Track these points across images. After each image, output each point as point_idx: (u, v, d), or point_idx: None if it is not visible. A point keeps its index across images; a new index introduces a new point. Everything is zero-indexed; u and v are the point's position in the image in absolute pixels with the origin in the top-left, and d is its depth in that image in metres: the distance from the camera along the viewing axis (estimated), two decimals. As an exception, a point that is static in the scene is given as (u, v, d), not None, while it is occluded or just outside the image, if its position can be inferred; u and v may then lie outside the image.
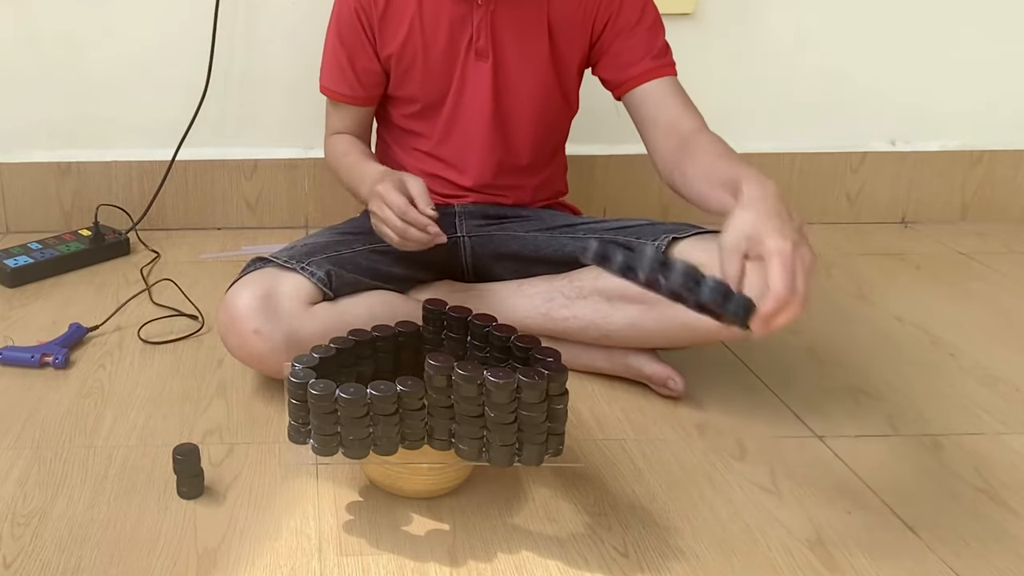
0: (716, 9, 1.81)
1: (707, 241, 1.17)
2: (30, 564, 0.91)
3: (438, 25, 1.27)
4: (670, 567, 0.91)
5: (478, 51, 1.28)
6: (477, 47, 1.27)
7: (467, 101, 1.31)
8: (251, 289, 1.14)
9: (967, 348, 1.39)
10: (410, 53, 1.29)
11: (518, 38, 1.27)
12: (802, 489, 1.04)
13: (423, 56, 1.29)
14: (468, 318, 1.06)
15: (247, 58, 1.79)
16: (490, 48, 1.27)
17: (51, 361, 1.29)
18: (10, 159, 1.82)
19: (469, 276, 1.33)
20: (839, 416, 1.19)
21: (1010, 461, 1.10)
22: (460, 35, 1.27)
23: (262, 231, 1.87)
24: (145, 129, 1.82)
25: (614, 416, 1.19)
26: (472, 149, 1.33)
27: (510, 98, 1.31)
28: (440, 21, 1.27)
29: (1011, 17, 1.85)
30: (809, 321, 1.46)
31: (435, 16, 1.27)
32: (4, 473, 1.06)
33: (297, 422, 0.92)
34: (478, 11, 1.26)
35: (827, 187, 1.93)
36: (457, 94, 1.31)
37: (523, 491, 1.03)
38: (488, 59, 1.28)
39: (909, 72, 1.88)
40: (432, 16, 1.27)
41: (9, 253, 1.64)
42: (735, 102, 1.88)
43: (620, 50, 1.28)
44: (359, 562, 0.91)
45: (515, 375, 0.88)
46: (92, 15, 1.75)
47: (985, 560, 0.93)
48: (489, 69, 1.28)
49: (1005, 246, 1.82)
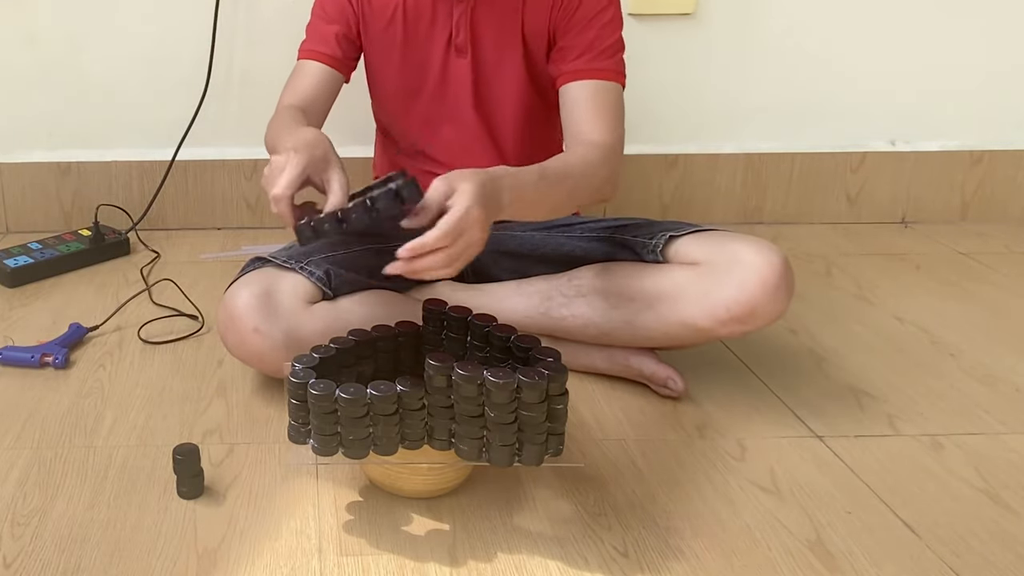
0: (716, 9, 1.81)
1: (705, 239, 1.18)
2: (30, 564, 0.91)
3: (420, 16, 1.29)
4: (670, 567, 0.91)
5: (457, 47, 1.29)
6: (456, 43, 1.29)
7: (450, 96, 1.32)
8: (250, 288, 1.14)
9: (967, 348, 1.39)
10: (390, 38, 1.31)
11: (495, 38, 1.29)
12: (802, 489, 1.04)
13: (402, 44, 1.31)
14: (468, 318, 1.06)
15: (247, 58, 1.79)
16: (468, 45, 1.29)
17: (51, 361, 1.29)
18: (10, 159, 1.82)
19: (469, 276, 1.33)
20: (839, 416, 1.19)
21: (1010, 461, 1.10)
22: (441, 30, 1.29)
23: (262, 231, 1.87)
24: (145, 129, 1.82)
25: (614, 416, 1.19)
26: (461, 146, 1.34)
27: (491, 94, 1.32)
28: (423, 12, 1.29)
29: (1011, 17, 1.85)
30: (809, 321, 1.46)
31: (418, 7, 1.29)
32: (4, 473, 1.06)
33: (297, 422, 0.92)
34: (458, 7, 1.27)
35: (827, 187, 1.93)
36: (439, 88, 1.32)
37: (523, 491, 1.03)
38: (467, 55, 1.30)
39: (909, 72, 1.88)
40: (415, 6, 1.29)
41: (9, 253, 1.64)
42: (735, 102, 1.88)
43: (564, 46, 1.27)
44: (359, 562, 0.91)
45: (515, 375, 0.88)
46: (92, 15, 1.75)
47: (985, 560, 0.93)
48: (468, 65, 1.30)
49: (1005, 246, 1.82)
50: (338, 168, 1.03)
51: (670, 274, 1.17)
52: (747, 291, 1.10)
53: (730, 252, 1.13)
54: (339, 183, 1.01)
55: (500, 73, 1.31)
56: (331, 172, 1.02)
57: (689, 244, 1.17)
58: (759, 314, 1.11)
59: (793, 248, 1.77)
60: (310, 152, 1.01)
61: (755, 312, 1.10)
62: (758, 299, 1.10)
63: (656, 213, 1.90)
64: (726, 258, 1.13)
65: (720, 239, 1.17)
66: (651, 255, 1.19)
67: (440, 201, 0.93)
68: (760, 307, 1.10)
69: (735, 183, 1.91)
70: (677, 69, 1.83)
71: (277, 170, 1.00)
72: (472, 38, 1.29)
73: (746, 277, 1.10)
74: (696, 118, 1.88)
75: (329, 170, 1.02)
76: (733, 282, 1.11)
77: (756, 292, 1.09)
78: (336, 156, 1.05)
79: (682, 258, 1.17)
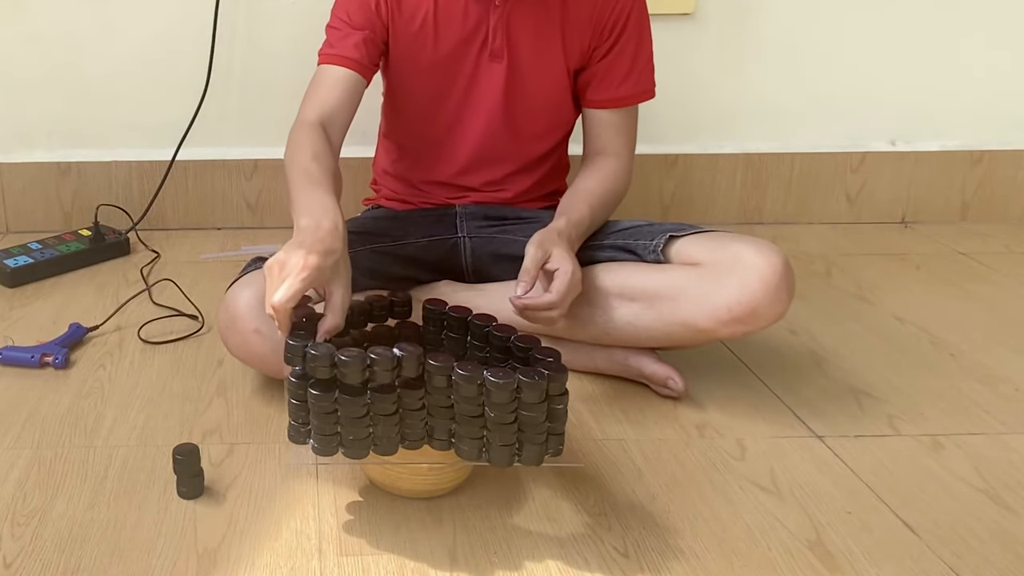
0: (716, 9, 1.81)
1: (706, 239, 1.18)
2: (30, 564, 0.91)
3: (452, 21, 1.27)
4: (670, 567, 0.91)
5: (493, 52, 1.27)
6: (492, 48, 1.27)
7: (476, 101, 1.31)
8: (252, 288, 1.14)
9: (967, 348, 1.39)
10: (420, 43, 1.28)
11: (533, 38, 1.28)
12: (802, 489, 1.04)
13: (432, 49, 1.28)
14: (468, 318, 1.06)
15: (247, 58, 1.79)
16: (505, 49, 1.27)
17: (51, 361, 1.29)
18: (10, 159, 1.82)
19: (469, 276, 1.34)
20: (839, 416, 1.19)
21: (1010, 461, 1.10)
22: (474, 35, 1.27)
23: (262, 231, 1.87)
24: (145, 129, 1.82)
25: (614, 416, 1.19)
26: (481, 150, 1.33)
27: (521, 99, 1.31)
28: (455, 17, 1.27)
29: (1011, 17, 1.85)
30: (809, 321, 1.46)
31: (450, 11, 1.27)
32: (4, 473, 1.06)
33: (297, 422, 0.92)
34: (495, 12, 1.26)
35: (827, 187, 1.93)
36: (465, 93, 1.30)
37: (523, 491, 1.03)
38: (503, 60, 1.28)
39: (909, 72, 1.88)
40: (447, 11, 1.27)
41: (9, 253, 1.64)
42: (735, 102, 1.88)
43: (599, 70, 1.30)
44: (359, 562, 0.91)
45: (515, 375, 0.88)
46: (92, 15, 1.75)
47: (985, 560, 0.93)
48: (503, 70, 1.28)
49: (1005, 246, 1.82)
50: (343, 283, 0.98)
51: (671, 274, 1.17)
52: (748, 292, 1.10)
53: (731, 253, 1.13)
54: (340, 301, 0.96)
55: (536, 72, 1.29)
56: (334, 286, 0.97)
57: (690, 245, 1.17)
58: (760, 314, 1.11)
59: (793, 248, 1.77)
60: (322, 261, 0.94)
61: (756, 312, 1.10)
62: (759, 300, 1.10)
63: (656, 213, 1.90)
64: (727, 259, 1.13)
65: (721, 240, 1.17)
66: (652, 255, 1.19)
67: (537, 265, 1.11)
68: (761, 307, 1.10)
69: (735, 183, 1.91)
70: (677, 69, 1.83)
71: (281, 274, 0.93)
72: (509, 43, 1.27)
73: (747, 278, 1.10)
74: (696, 118, 1.88)
75: (333, 283, 0.97)
76: (734, 283, 1.11)
77: (757, 293, 1.10)
78: (346, 262, 1.00)
79: (683, 259, 1.17)
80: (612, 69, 1.30)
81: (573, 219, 1.20)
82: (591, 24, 1.28)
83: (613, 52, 1.29)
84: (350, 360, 0.87)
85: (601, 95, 1.31)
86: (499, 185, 1.36)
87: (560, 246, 1.12)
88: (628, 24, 1.28)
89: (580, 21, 1.27)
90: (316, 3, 1.72)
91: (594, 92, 1.32)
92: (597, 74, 1.30)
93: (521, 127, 1.33)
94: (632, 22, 1.29)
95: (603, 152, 1.33)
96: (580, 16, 1.27)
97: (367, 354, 0.88)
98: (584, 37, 1.28)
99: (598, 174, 1.30)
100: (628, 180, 1.33)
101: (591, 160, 1.33)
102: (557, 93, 1.32)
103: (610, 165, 1.31)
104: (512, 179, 1.36)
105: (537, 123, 1.33)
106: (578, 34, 1.28)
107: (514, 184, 1.36)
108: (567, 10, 1.27)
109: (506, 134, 1.32)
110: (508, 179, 1.36)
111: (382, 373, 0.88)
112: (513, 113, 1.31)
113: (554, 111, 1.33)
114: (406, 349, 0.88)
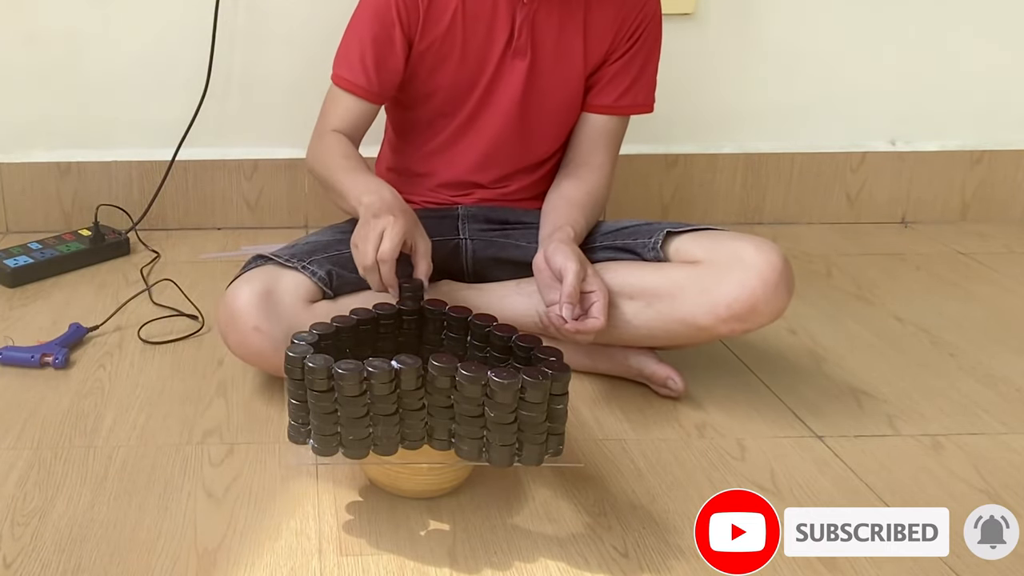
0: (716, 9, 1.81)
1: (705, 237, 1.18)
2: (30, 564, 0.91)
3: (479, 19, 1.27)
4: (670, 567, 0.91)
5: (517, 49, 1.28)
6: (517, 45, 1.27)
7: (496, 99, 1.31)
8: (251, 286, 1.14)
9: (967, 348, 1.39)
10: (448, 43, 1.28)
11: (556, 38, 1.28)
12: (802, 489, 1.04)
13: (461, 48, 1.28)
14: (468, 318, 1.06)
15: (247, 58, 1.79)
16: (529, 47, 1.28)
17: (51, 361, 1.29)
18: (10, 159, 1.82)
19: (469, 278, 1.33)
20: (839, 416, 1.19)
21: (1010, 461, 1.10)
22: (500, 32, 1.27)
23: (262, 231, 1.87)
24: (145, 129, 1.82)
25: (614, 416, 1.19)
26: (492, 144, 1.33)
27: (539, 98, 1.31)
28: (482, 15, 1.27)
29: (1011, 17, 1.85)
30: (809, 321, 1.46)
31: (477, 10, 1.27)
32: (4, 473, 1.06)
33: (297, 422, 0.92)
34: (521, 10, 1.26)
35: (827, 187, 1.93)
36: (486, 90, 1.30)
37: (523, 491, 1.03)
38: (526, 58, 1.28)
39: (909, 72, 1.88)
40: (474, 9, 1.27)
41: (9, 253, 1.64)
42: (735, 102, 1.88)
43: (607, 73, 1.31)
44: (359, 562, 0.91)
45: (519, 375, 0.88)
46: (92, 15, 1.75)
47: (985, 560, 0.93)
48: (525, 68, 1.28)
49: (1005, 246, 1.82)
50: (422, 234, 1.14)
51: (670, 272, 1.17)
52: (748, 289, 1.10)
53: (730, 250, 1.13)
54: (426, 248, 1.12)
55: (556, 71, 1.30)
56: (417, 237, 1.12)
57: (689, 243, 1.17)
58: (760, 312, 1.11)
59: (793, 248, 1.77)
60: (407, 218, 1.10)
61: (756, 310, 1.10)
62: (759, 297, 1.10)
63: (656, 213, 1.90)
64: (726, 256, 1.13)
65: (720, 238, 1.17)
66: (651, 253, 1.19)
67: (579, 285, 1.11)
68: (760, 305, 1.10)
69: (735, 183, 1.91)
70: (677, 69, 1.82)
71: (375, 233, 1.07)
72: (533, 41, 1.28)
73: (746, 275, 1.10)
74: (696, 118, 1.88)
75: (415, 235, 1.12)
76: (734, 280, 1.11)
77: (757, 290, 1.10)
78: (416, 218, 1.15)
79: (682, 257, 1.17)
80: (619, 75, 1.30)
81: (578, 231, 1.21)
82: (613, 28, 1.29)
83: (625, 58, 1.30)
84: (347, 373, 0.87)
85: (602, 100, 1.31)
86: (504, 182, 1.36)
87: (574, 260, 1.12)
88: (646, 33, 1.30)
89: (603, 24, 1.28)
90: (316, 3, 1.73)
91: (595, 96, 1.32)
92: (603, 78, 1.31)
93: (534, 127, 1.33)
94: (649, 33, 1.30)
95: (586, 164, 1.33)
96: (603, 19, 1.28)
97: (364, 366, 0.88)
98: (604, 41, 1.29)
99: (585, 186, 1.30)
100: (608, 196, 1.34)
101: (574, 170, 1.33)
102: (571, 94, 1.32)
103: (593, 177, 1.32)
104: (516, 177, 1.36)
105: (549, 123, 1.34)
106: (599, 37, 1.29)
107: (517, 181, 1.37)
108: (590, 12, 1.28)
109: (519, 133, 1.33)
110: (513, 176, 1.36)
111: (379, 386, 0.88)
112: (528, 112, 1.31)
113: (566, 112, 1.34)
114: (404, 362, 0.89)
